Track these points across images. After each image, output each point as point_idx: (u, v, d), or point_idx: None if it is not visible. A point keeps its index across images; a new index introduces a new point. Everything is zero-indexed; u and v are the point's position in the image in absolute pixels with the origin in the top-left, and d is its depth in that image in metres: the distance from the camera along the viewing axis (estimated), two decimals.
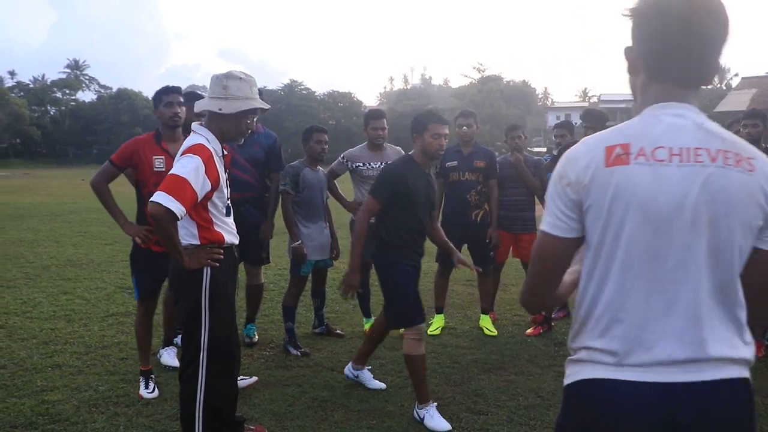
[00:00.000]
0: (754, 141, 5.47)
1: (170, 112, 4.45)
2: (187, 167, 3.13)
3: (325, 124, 7.40)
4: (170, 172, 3.16)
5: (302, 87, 67.80)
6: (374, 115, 5.95)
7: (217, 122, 3.36)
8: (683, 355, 1.52)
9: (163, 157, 4.41)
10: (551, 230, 1.60)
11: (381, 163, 5.79)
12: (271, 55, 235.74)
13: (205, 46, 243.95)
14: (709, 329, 1.53)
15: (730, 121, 5.97)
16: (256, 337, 5.69)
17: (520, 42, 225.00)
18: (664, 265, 1.52)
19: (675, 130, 1.54)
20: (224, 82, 3.34)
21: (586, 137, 1.64)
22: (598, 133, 1.62)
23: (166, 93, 4.50)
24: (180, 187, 3.08)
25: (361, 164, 5.80)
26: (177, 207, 3.05)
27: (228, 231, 3.46)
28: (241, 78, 3.37)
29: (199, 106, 3.43)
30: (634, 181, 1.50)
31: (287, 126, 56.74)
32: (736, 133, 5.72)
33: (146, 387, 4.46)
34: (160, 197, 3.05)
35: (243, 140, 4.67)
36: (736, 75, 66.61)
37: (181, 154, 3.24)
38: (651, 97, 1.61)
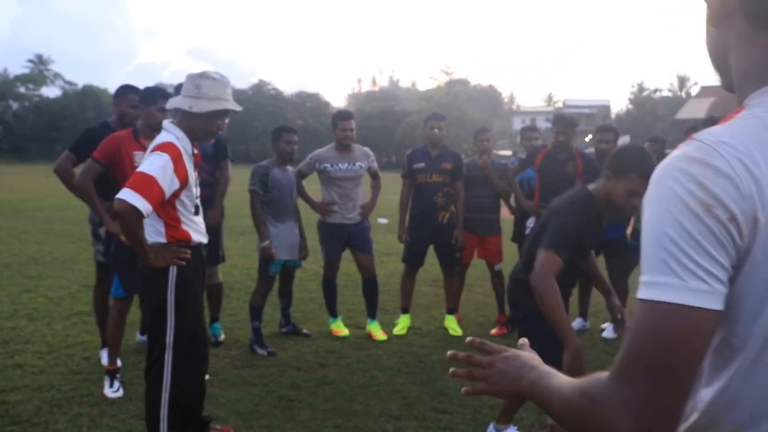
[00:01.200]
0: None
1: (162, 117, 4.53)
2: (155, 165, 3.13)
3: (293, 124, 7.38)
4: (138, 169, 3.16)
5: (271, 87, 67.65)
6: (342, 116, 5.98)
7: (188, 121, 3.36)
8: None
9: (142, 153, 4.38)
10: (702, 302, 0.88)
11: (348, 164, 5.82)
12: (240, 55, 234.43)
13: (174, 44, 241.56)
14: None
15: (688, 126, 6.14)
16: (222, 336, 5.68)
17: (487, 46, 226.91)
18: None
19: None
20: (198, 81, 3.34)
21: (714, 131, 0.94)
22: (736, 123, 0.96)
23: (162, 97, 4.51)
24: (147, 185, 3.08)
25: (329, 165, 5.82)
26: (143, 205, 3.05)
27: (196, 230, 3.46)
28: (215, 78, 3.37)
29: (171, 104, 3.43)
30: None
31: (255, 126, 56.50)
32: None
33: (111, 386, 4.42)
34: (126, 194, 3.04)
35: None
36: (696, 84, 67.93)
37: (150, 152, 3.23)
38: (763, 63, 0.98)
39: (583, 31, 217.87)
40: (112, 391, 4.39)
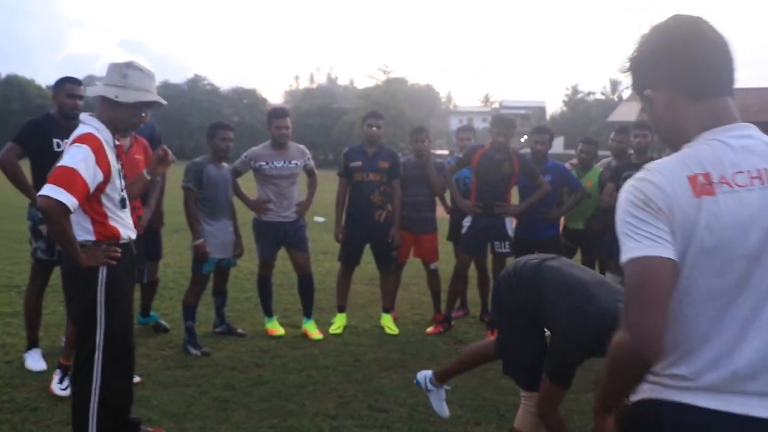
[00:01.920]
0: (643, 150, 5.82)
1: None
2: (76, 157, 3.02)
3: (229, 121, 7.24)
4: (58, 163, 3.04)
5: (206, 82, 66.47)
6: (278, 113, 5.92)
7: (110, 111, 3.24)
8: None
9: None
10: (656, 252, 1.47)
11: (284, 162, 5.77)
12: (175, 48, 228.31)
13: (106, 35, 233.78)
14: None
15: (617, 128, 6.32)
16: (163, 321, 5.84)
17: (425, 46, 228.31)
18: (758, 292, 1.50)
19: (747, 152, 1.53)
20: (124, 70, 3.23)
21: (655, 163, 1.58)
22: (668, 160, 1.57)
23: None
24: (70, 179, 2.96)
25: (264, 163, 5.76)
26: (68, 199, 2.93)
27: (124, 225, 3.35)
28: (141, 69, 3.28)
29: (92, 92, 3.31)
30: (722, 211, 1.47)
31: (190, 121, 55.41)
32: (626, 141, 6.07)
33: (60, 382, 4.30)
34: (49, 190, 2.93)
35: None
36: (627, 88, 69.80)
37: (69, 145, 3.11)
38: (696, 122, 1.59)
39: (520, 33, 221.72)
40: (61, 387, 4.27)
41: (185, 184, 5.37)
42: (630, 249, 1.49)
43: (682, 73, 1.59)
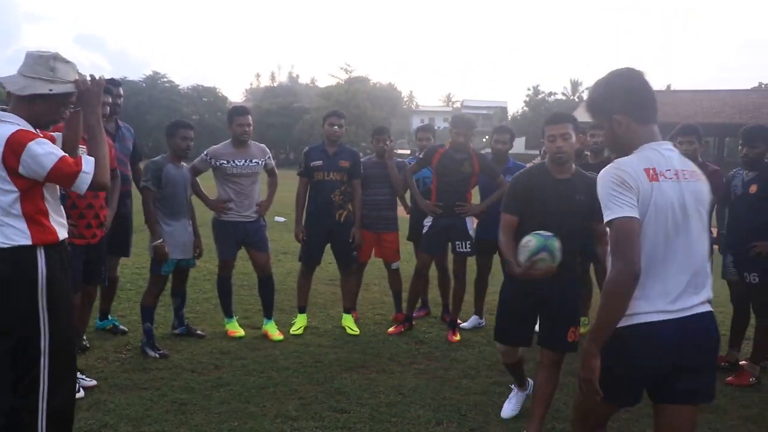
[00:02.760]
0: (599, 150, 5.90)
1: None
2: (48, 147, 2.96)
3: (188, 119, 7.12)
4: (52, 162, 2.94)
5: (165, 80, 65.14)
6: (239, 111, 5.87)
7: (33, 106, 3.08)
8: (698, 300, 2.51)
9: (84, 148, 4.31)
10: (631, 213, 2.40)
11: (245, 161, 5.72)
12: (133, 44, 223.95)
13: (61, 30, 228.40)
14: (708, 278, 2.57)
15: (580, 129, 6.40)
16: (121, 324, 5.77)
17: (387, 45, 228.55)
18: (689, 238, 2.49)
19: (670, 159, 2.53)
20: (52, 63, 3.06)
21: (622, 160, 2.52)
22: (629, 159, 2.51)
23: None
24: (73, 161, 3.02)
25: (225, 161, 5.70)
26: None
27: (61, 224, 3.20)
28: (69, 62, 3.13)
29: (15, 85, 3.09)
30: (662, 192, 2.44)
31: (149, 119, 54.31)
32: (584, 141, 6.16)
33: None
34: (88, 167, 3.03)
35: (114, 134, 4.79)
36: (588, 89, 70.80)
37: (25, 145, 2.93)
38: (642, 137, 2.56)
39: (482, 33, 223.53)
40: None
41: (144, 184, 5.29)
42: (614, 211, 2.41)
43: (636, 105, 2.57)
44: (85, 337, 5.28)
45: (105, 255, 4.81)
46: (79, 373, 4.59)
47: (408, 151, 34.66)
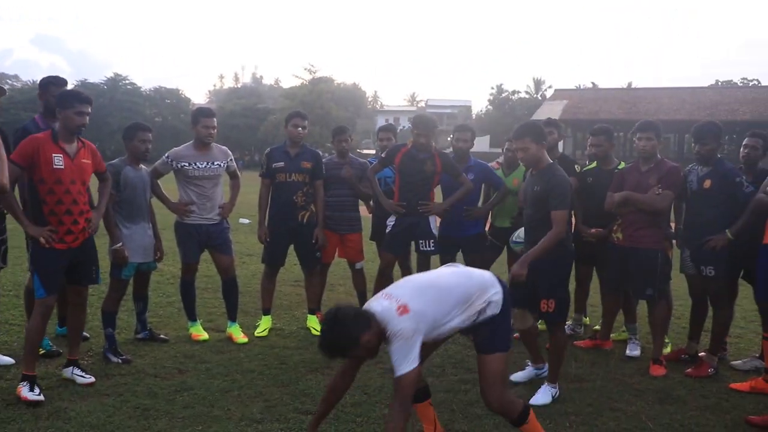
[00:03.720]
0: (551, 147, 5.97)
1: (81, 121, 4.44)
2: None
3: (150, 121, 7.06)
4: None
5: (127, 81, 64.27)
6: (205, 113, 5.82)
7: None
8: None
9: (61, 155, 4.36)
10: None
11: (207, 163, 5.68)
12: (93, 45, 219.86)
13: (17, 30, 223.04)
14: None
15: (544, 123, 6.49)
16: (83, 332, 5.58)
17: (351, 45, 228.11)
18: None
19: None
20: None
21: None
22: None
23: (80, 101, 4.45)
24: None
25: (187, 164, 5.65)
26: None
27: None
28: None
29: None
30: None
31: (110, 122, 53.54)
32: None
33: (32, 390, 4.24)
34: None
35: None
36: (550, 87, 71.50)
37: None
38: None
39: (446, 32, 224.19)
40: (34, 394, 4.22)
41: None
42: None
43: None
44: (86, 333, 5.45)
45: (95, 255, 4.78)
46: (78, 369, 4.64)
47: (373, 151, 34.69)
